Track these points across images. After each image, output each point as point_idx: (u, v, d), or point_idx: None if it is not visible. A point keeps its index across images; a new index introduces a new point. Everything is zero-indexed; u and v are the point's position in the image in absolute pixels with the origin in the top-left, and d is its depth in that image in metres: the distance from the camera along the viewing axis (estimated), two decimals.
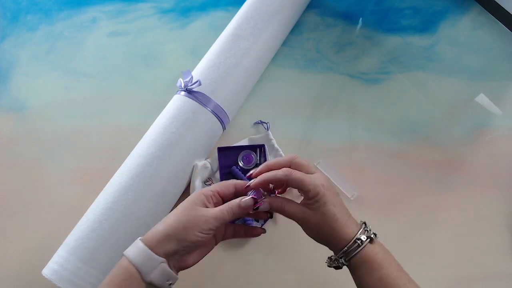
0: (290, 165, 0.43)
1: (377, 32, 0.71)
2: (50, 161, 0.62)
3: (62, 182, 0.60)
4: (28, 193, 0.60)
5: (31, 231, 0.57)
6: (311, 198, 0.41)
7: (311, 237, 0.43)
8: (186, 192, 0.57)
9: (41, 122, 0.65)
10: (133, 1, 0.74)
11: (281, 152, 0.60)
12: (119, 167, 0.54)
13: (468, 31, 0.71)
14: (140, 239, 0.39)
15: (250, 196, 0.42)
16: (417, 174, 0.61)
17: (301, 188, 0.41)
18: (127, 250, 0.39)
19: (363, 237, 0.40)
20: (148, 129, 0.57)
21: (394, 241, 0.57)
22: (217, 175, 0.59)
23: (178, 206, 0.41)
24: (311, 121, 0.65)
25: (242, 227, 0.47)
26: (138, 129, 0.58)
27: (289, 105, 0.66)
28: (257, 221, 0.56)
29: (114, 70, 0.69)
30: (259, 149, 0.60)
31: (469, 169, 0.62)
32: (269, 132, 0.62)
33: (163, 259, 0.38)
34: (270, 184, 0.44)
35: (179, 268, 0.41)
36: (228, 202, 0.41)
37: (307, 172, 0.42)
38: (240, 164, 0.59)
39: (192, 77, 0.56)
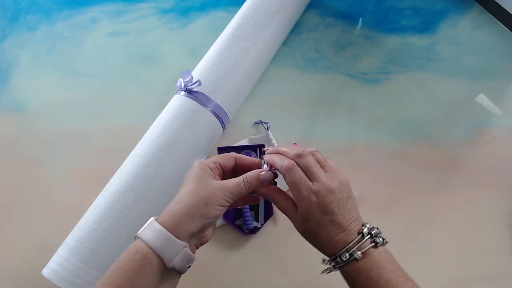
0: (301, 158, 0.40)
1: (377, 32, 0.71)
2: (50, 161, 0.62)
3: (62, 182, 0.60)
4: (28, 193, 0.60)
5: (31, 231, 0.57)
6: (297, 207, 0.39)
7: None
8: None
9: (41, 122, 0.65)
10: (133, 1, 0.74)
11: None
12: (119, 167, 0.54)
13: (468, 31, 0.71)
14: (155, 219, 0.37)
15: (269, 170, 0.41)
16: (417, 174, 0.61)
17: (294, 192, 0.39)
18: (142, 232, 0.36)
19: (346, 256, 0.38)
20: (148, 129, 0.57)
21: (394, 241, 0.57)
22: None
23: (187, 183, 0.39)
24: (311, 121, 0.65)
25: (243, 197, 0.43)
26: (138, 129, 0.58)
27: (289, 105, 0.66)
28: (257, 221, 0.56)
29: (114, 70, 0.69)
30: (259, 149, 0.60)
31: (469, 169, 0.62)
32: (269, 132, 0.62)
33: (186, 243, 0.36)
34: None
35: (199, 245, 0.40)
36: (245, 175, 0.40)
37: (319, 172, 0.39)
38: None
39: (192, 77, 0.56)
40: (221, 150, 0.59)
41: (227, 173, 0.43)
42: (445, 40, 0.71)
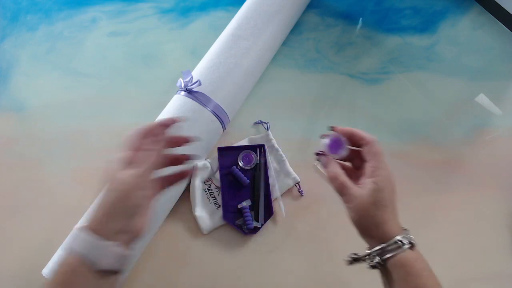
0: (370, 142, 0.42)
1: (377, 32, 0.71)
2: (50, 161, 0.62)
3: (62, 182, 0.60)
4: (28, 193, 0.60)
5: (31, 231, 0.57)
6: (372, 176, 0.40)
7: (352, 221, 0.41)
8: (186, 192, 0.57)
9: (41, 122, 0.65)
10: (133, 1, 0.74)
11: (281, 152, 0.60)
12: None
13: (468, 31, 0.71)
14: (77, 228, 0.36)
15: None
16: (417, 174, 0.61)
17: (375, 161, 0.40)
18: (67, 239, 0.36)
19: (405, 240, 0.38)
20: None
21: None
22: (217, 175, 0.59)
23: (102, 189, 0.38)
24: (311, 121, 0.65)
25: (170, 177, 0.44)
26: None
27: (289, 105, 0.66)
28: (257, 221, 0.56)
29: (114, 70, 0.68)
30: (259, 149, 0.60)
31: (469, 169, 0.62)
32: (269, 132, 0.62)
33: (113, 243, 0.35)
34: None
35: (134, 239, 0.38)
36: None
37: (381, 162, 0.41)
38: (240, 164, 0.59)
39: (192, 77, 0.56)
40: (221, 150, 0.59)
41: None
42: (445, 40, 0.71)
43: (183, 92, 0.57)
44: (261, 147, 0.60)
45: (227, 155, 0.59)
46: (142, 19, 0.73)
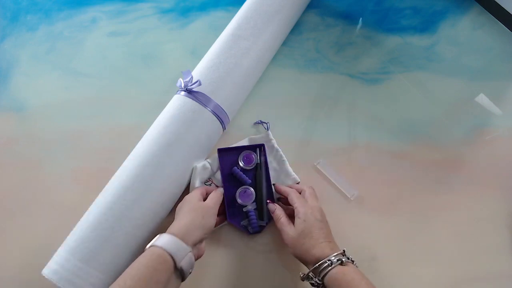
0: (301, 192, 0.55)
1: (377, 32, 0.71)
2: (50, 161, 0.62)
3: (62, 182, 0.60)
4: (28, 193, 0.60)
5: (31, 231, 0.57)
6: (296, 215, 0.50)
7: (290, 252, 0.50)
8: (186, 192, 0.57)
9: (41, 122, 0.65)
10: (133, 1, 0.74)
11: (281, 152, 0.60)
12: (119, 167, 0.54)
13: (468, 31, 0.71)
14: (164, 234, 0.45)
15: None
16: (417, 174, 0.61)
17: (296, 203, 0.51)
18: (155, 241, 0.44)
19: (334, 259, 0.45)
20: (148, 129, 0.57)
21: (394, 241, 0.57)
22: (217, 175, 0.59)
23: (183, 207, 0.50)
24: (311, 121, 0.65)
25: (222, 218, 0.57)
26: (138, 129, 0.58)
27: (289, 105, 0.66)
28: (262, 220, 0.56)
29: (114, 70, 0.69)
30: (259, 149, 0.60)
31: (469, 169, 0.62)
32: (269, 132, 0.62)
33: (191, 248, 0.45)
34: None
35: (197, 256, 0.48)
36: (213, 192, 0.55)
37: (300, 203, 0.51)
38: (241, 164, 0.59)
39: (192, 77, 0.56)
40: (221, 151, 0.59)
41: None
42: (445, 40, 0.71)
43: (183, 92, 0.57)
44: (261, 147, 0.60)
45: (227, 156, 0.59)
46: (142, 19, 0.73)
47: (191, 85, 0.56)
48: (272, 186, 0.58)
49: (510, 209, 0.59)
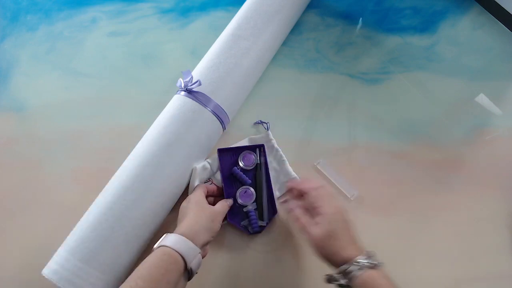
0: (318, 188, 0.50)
1: (377, 32, 0.71)
2: (50, 161, 0.62)
3: (62, 182, 0.60)
4: (28, 193, 0.60)
5: (31, 231, 0.57)
6: (322, 214, 0.47)
7: (316, 253, 0.47)
8: (185, 192, 0.57)
9: (41, 122, 0.65)
10: (133, 1, 0.74)
11: (281, 152, 0.60)
12: (119, 167, 0.54)
13: (468, 31, 0.71)
14: (173, 234, 0.45)
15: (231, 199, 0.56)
16: (417, 174, 0.61)
17: (321, 202, 0.48)
18: (163, 242, 0.44)
19: (365, 261, 0.43)
20: (148, 129, 0.57)
21: (394, 241, 0.57)
22: (217, 175, 0.59)
23: (191, 207, 0.50)
24: (311, 121, 0.65)
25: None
26: (138, 129, 0.58)
27: (289, 105, 0.66)
28: (262, 220, 0.56)
29: (114, 70, 0.69)
30: (258, 149, 0.60)
31: (469, 169, 0.62)
32: (269, 132, 0.62)
33: (200, 249, 0.46)
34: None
35: (203, 257, 0.48)
36: (223, 200, 0.55)
37: (325, 202, 0.48)
38: (241, 164, 0.59)
39: (192, 77, 0.56)
40: (221, 151, 0.59)
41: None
42: (445, 40, 0.71)
43: (183, 92, 0.57)
44: (261, 147, 0.60)
45: (227, 156, 0.59)
46: (142, 19, 0.73)
47: (191, 85, 0.56)
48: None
49: (510, 209, 0.59)
